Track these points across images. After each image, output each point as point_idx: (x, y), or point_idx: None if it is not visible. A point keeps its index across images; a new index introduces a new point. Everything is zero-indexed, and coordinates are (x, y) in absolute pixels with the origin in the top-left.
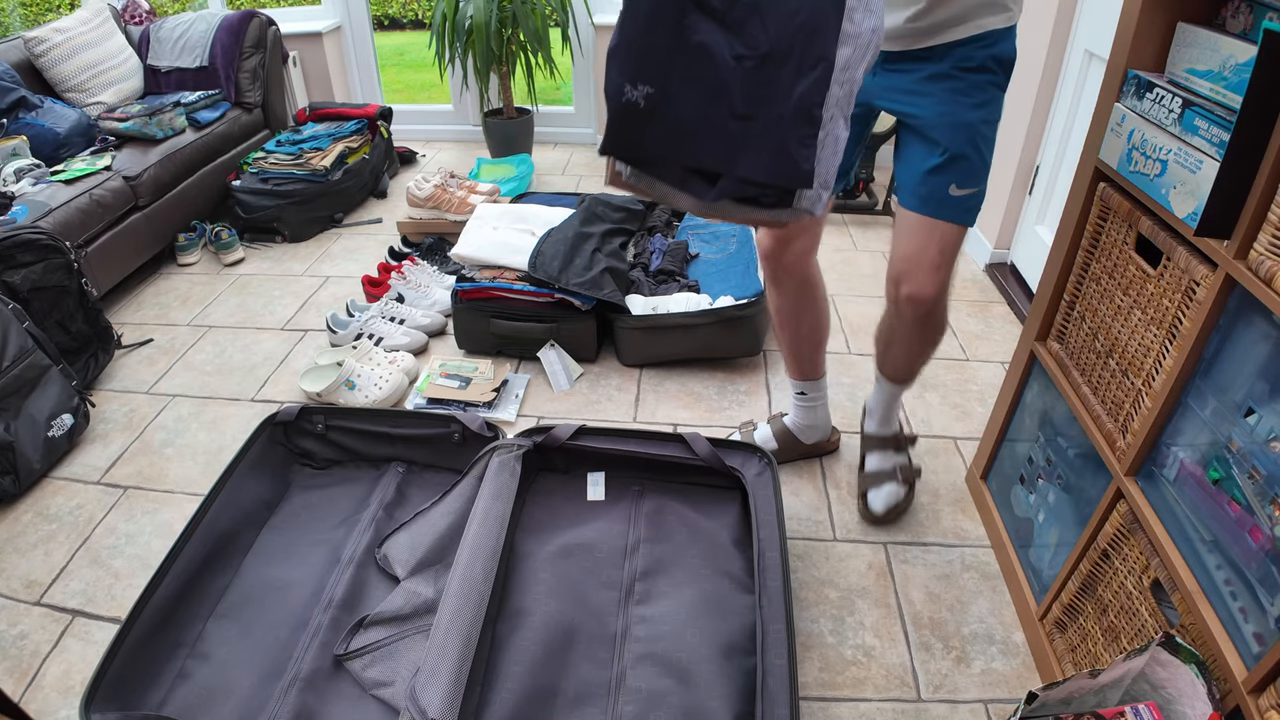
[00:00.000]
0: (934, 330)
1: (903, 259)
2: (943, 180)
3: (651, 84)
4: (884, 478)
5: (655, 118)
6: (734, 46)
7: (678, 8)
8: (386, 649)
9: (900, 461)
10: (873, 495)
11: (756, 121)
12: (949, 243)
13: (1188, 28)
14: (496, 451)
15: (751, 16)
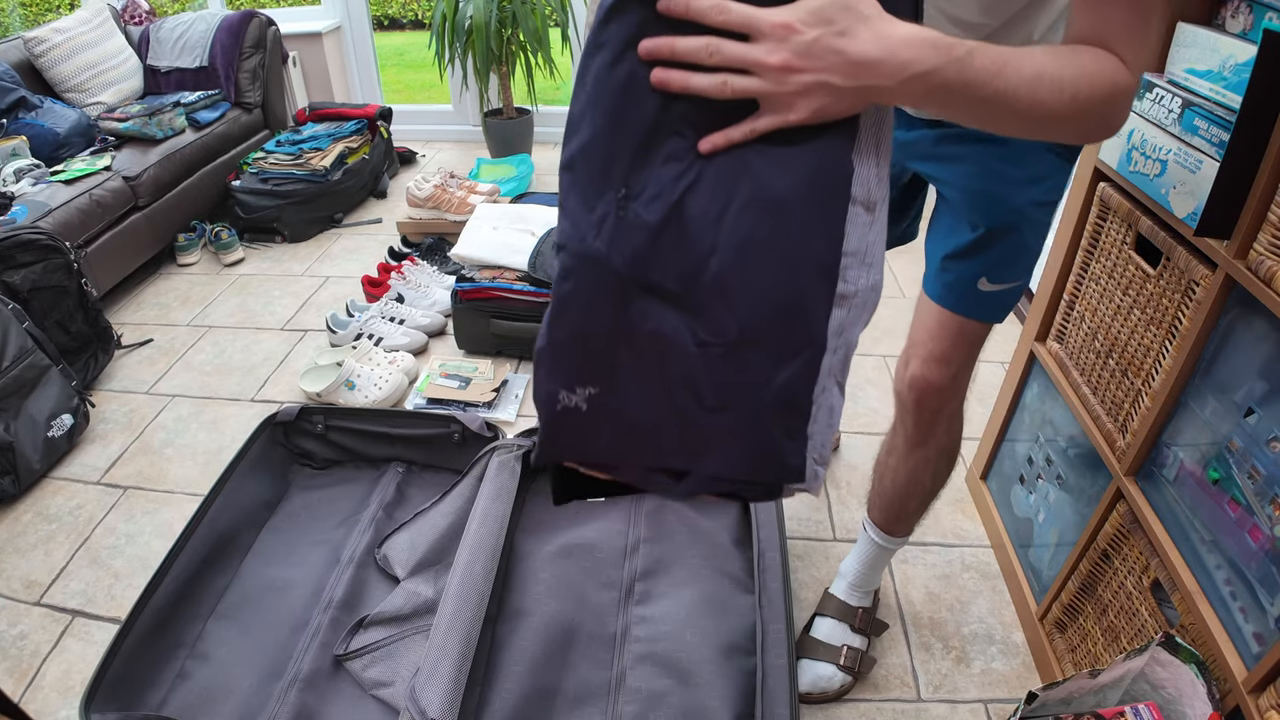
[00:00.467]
0: (939, 449)
1: (911, 343)
2: (969, 269)
3: (594, 385)
4: (825, 654)
5: (602, 420)
6: (696, 332)
7: (620, 296)
8: (386, 649)
9: (854, 645)
10: (804, 666)
11: (729, 413)
12: (970, 335)
13: (1187, 27)
14: (496, 451)
15: (716, 298)
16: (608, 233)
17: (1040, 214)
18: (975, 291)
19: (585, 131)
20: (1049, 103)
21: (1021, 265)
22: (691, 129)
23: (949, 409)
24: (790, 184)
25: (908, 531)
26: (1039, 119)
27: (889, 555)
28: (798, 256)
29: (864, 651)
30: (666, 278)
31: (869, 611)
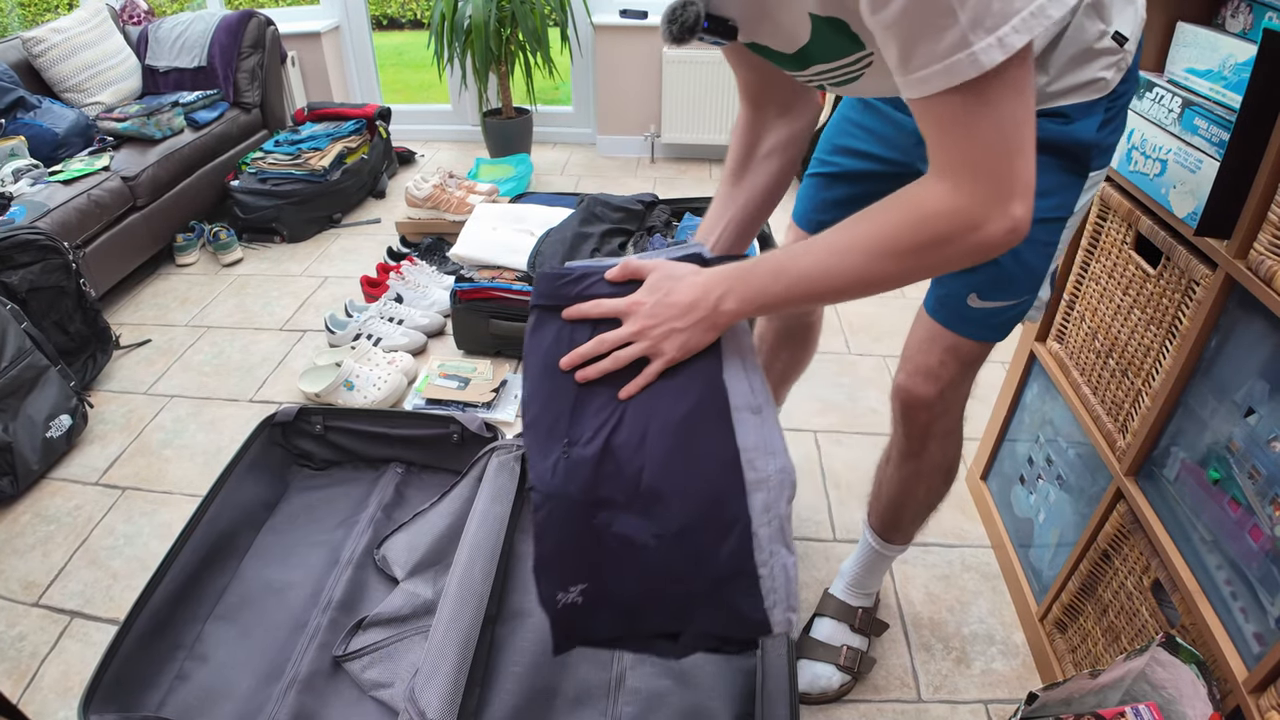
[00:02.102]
0: (932, 465)
1: (904, 353)
2: (959, 285)
3: (583, 582)
4: (824, 654)
5: (598, 608)
6: (649, 528)
7: (583, 514)
8: (385, 650)
9: (854, 645)
10: (803, 666)
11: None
12: (961, 354)
13: (1187, 27)
14: (495, 452)
15: (655, 502)
16: (561, 472)
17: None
18: (965, 308)
19: (534, 408)
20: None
21: (1018, 285)
22: (607, 386)
23: (940, 426)
24: (685, 409)
25: (905, 540)
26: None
27: (888, 561)
28: (705, 460)
29: (864, 652)
30: (614, 494)
31: (869, 612)
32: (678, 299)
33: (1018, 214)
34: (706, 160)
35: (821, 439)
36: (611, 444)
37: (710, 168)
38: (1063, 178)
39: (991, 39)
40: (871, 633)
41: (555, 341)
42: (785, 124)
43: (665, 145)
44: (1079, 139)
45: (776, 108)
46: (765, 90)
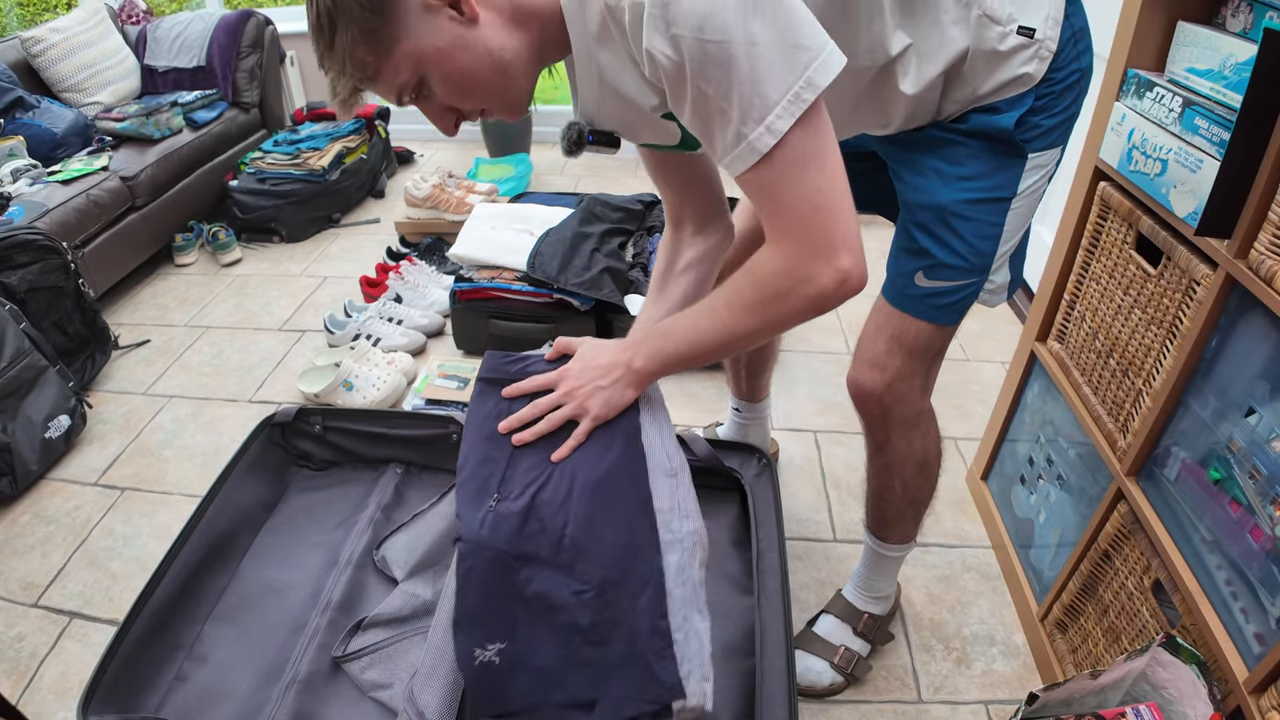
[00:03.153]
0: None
1: (856, 345)
2: (907, 265)
3: (501, 640)
4: (821, 650)
5: (514, 670)
6: (570, 584)
7: (506, 568)
8: (385, 651)
9: (852, 647)
10: (799, 658)
11: (612, 645)
12: (907, 340)
13: (1188, 27)
14: None
15: (577, 556)
16: (489, 524)
17: (977, 211)
18: (913, 286)
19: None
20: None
21: (962, 265)
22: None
23: (896, 416)
24: (606, 469)
25: (901, 538)
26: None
27: (889, 563)
28: (622, 518)
29: (861, 656)
30: (538, 549)
31: (877, 619)
32: (599, 362)
33: (844, 265)
34: None
35: (821, 439)
36: (537, 500)
37: None
38: (996, 160)
39: (760, 128)
40: (876, 640)
41: (494, 413)
42: (700, 241)
43: None
44: (1000, 126)
45: (692, 226)
46: (682, 209)
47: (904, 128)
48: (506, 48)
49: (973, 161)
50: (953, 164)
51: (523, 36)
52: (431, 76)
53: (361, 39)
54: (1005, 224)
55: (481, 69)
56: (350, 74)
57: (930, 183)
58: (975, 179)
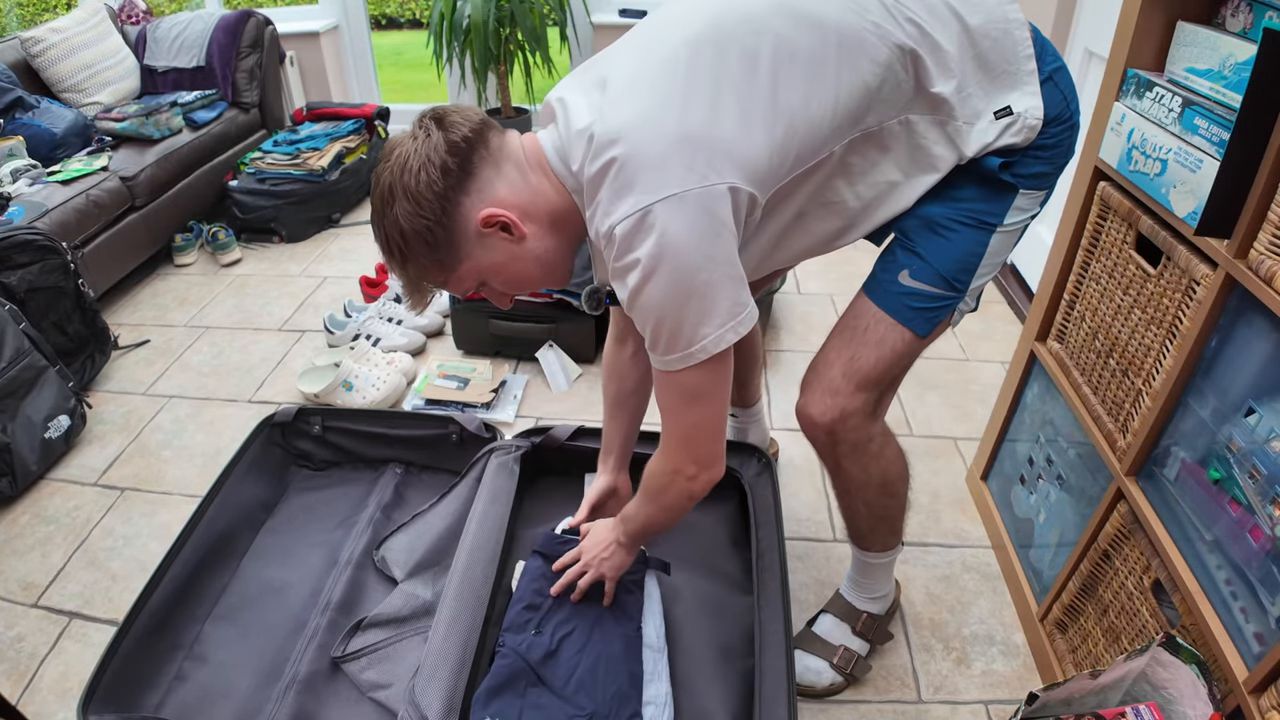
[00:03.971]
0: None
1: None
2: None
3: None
4: (820, 650)
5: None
6: (567, 709)
7: (524, 679)
8: (384, 651)
9: (851, 647)
10: (799, 657)
11: None
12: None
13: (1187, 27)
14: (495, 453)
15: (579, 690)
16: (526, 644)
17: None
18: (896, 284)
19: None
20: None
21: (944, 274)
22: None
23: (846, 445)
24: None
25: (881, 548)
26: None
27: (876, 568)
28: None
29: (860, 656)
30: (554, 678)
31: (875, 618)
32: (599, 540)
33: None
34: None
35: None
36: (562, 643)
37: None
38: (982, 189)
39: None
40: (875, 640)
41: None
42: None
43: None
44: (985, 167)
45: (634, 345)
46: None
47: None
48: (549, 249)
49: (963, 185)
50: (944, 183)
51: (561, 236)
52: (491, 281)
53: (430, 267)
54: (987, 250)
55: (532, 271)
56: (421, 290)
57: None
58: (965, 201)
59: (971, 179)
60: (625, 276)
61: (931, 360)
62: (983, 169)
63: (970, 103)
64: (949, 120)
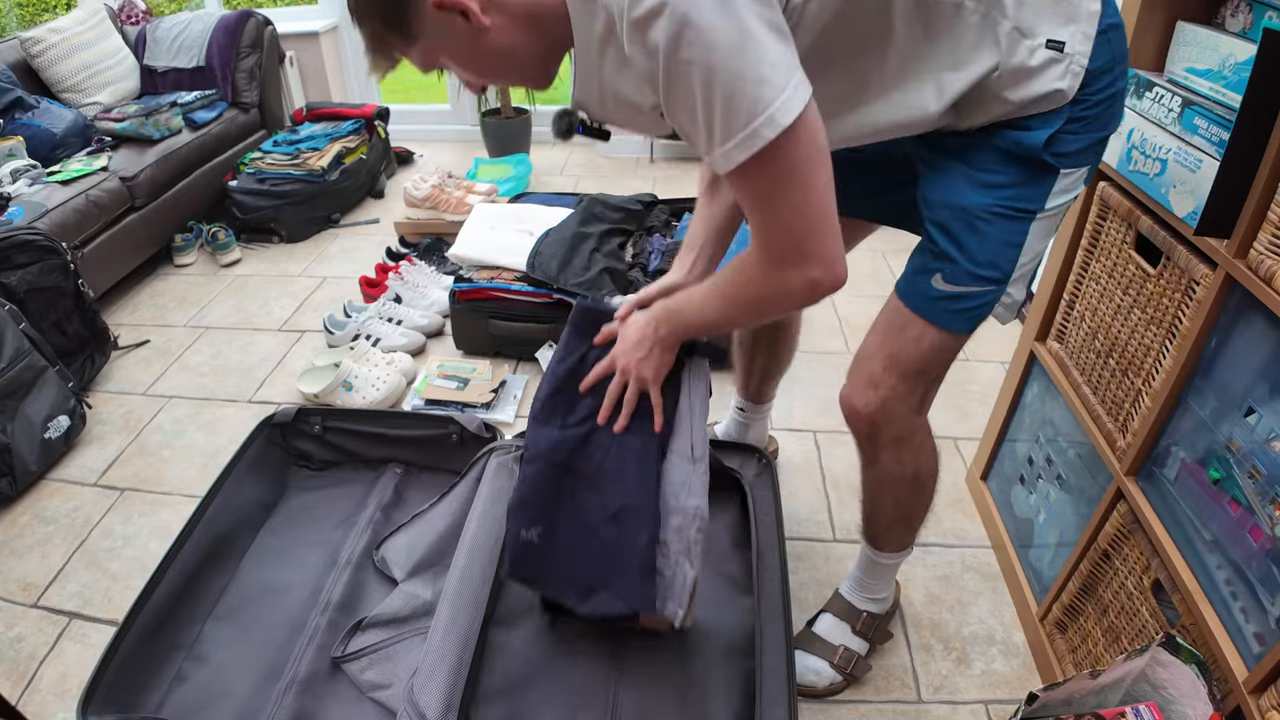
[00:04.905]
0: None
1: (852, 362)
2: (928, 266)
3: (541, 525)
4: (821, 650)
5: (548, 550)
6: (600, 503)
7: (560, 473)
8: (384, 651)
9: (851, 647)
10: (799, 657)
11: (617, 556)
12: (905, 359)
13: (1187, 27)
14: (494, 453)
15: (606, 483)
16: (554, 441)
17: (1001, 220)
18: (930, 289)
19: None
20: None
21: (980, 273)
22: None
23: (887, 436)
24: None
25: (895, 547)
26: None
27: (884, 569)
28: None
29: (860, 656)
30: (584, 467)
31: (875, 618)
32: (631, 339)
33: (814, 276)
34: None
35: (821, 439)
36: (593, 432)
37: None
38: (1022, 173)
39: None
40: (875, 640)
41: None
42: None
43: (665, 145)
44: (1029, 146)
45: None
46: None
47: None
48: (518, 46)
49: (1002, 170)
50: (980, 169)
51: (534, 36)
52: (450, 66)
53: (384, 31)
54: (1028, 237)
55: (494, 64)
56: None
57: (955, 182)
58: (1002, 188)
59: (1009, 162)
60: (648, 33)
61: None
62: (1023, 148)
63: (1026, 12)
64: (1001, 19)
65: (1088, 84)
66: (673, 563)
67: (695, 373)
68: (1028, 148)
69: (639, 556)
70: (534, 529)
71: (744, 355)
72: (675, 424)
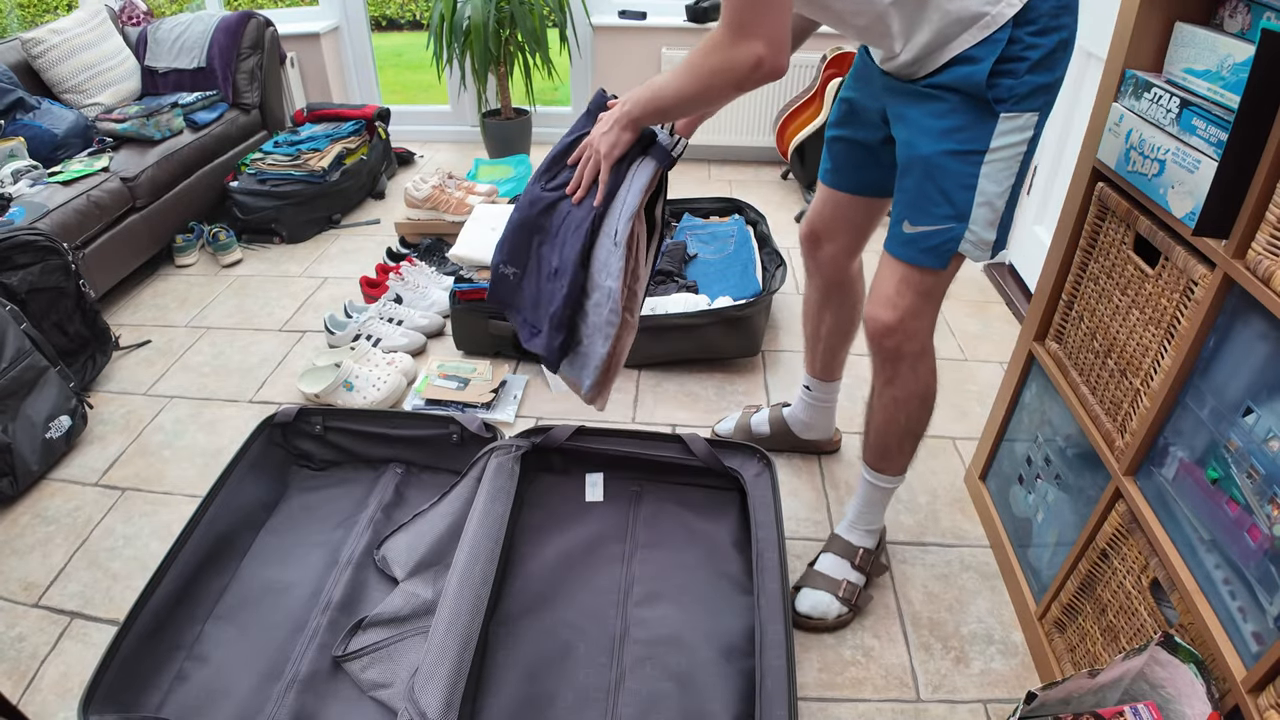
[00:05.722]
0: (908, 392)
1: (871, 288)
2: (896, 213)
3: (516, 266)
4: (825, 585)
5: (520, 285)
6: (550, 255)
7: (530, 227)
8: (385, 650)
9: (853, 581)
10: (803, 595)
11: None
12: (910, 282)
13: (1185, 27)
14: (495, 452)
15: (558, 246)
16: (533, 196)
17: (955, 164)
18: (901, 234)
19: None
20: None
21: (936, 210)
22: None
23: (907, 350)
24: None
25: (898, 470)
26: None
27: (884, 494)
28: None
29: (861, 588)
30: (549, 225)
31: (870, 552)
32: (604, 121)
33: (759, 51)
34: (706, 161)
35: None
36: (559, 201)
37: (709, 168)
38: (972, 115)
39: None
40: (872, 573)
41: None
42: None
43: None
44: (974, 80)
45: None
46: None
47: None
48: None
49: (952, 115)
50: (936, 117)
51: None
52: None
53: None
54: (979, 179)
55: None
56: None
57: (916, 137)
58: (954, 132)
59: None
60: None
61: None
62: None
63: None
64: None
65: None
66: (589, 334)
67: (642, 166)
68: (975, 81)
69: (556, 311)
70: (510, 267)
71: (811, 320)
72: (611, 207)
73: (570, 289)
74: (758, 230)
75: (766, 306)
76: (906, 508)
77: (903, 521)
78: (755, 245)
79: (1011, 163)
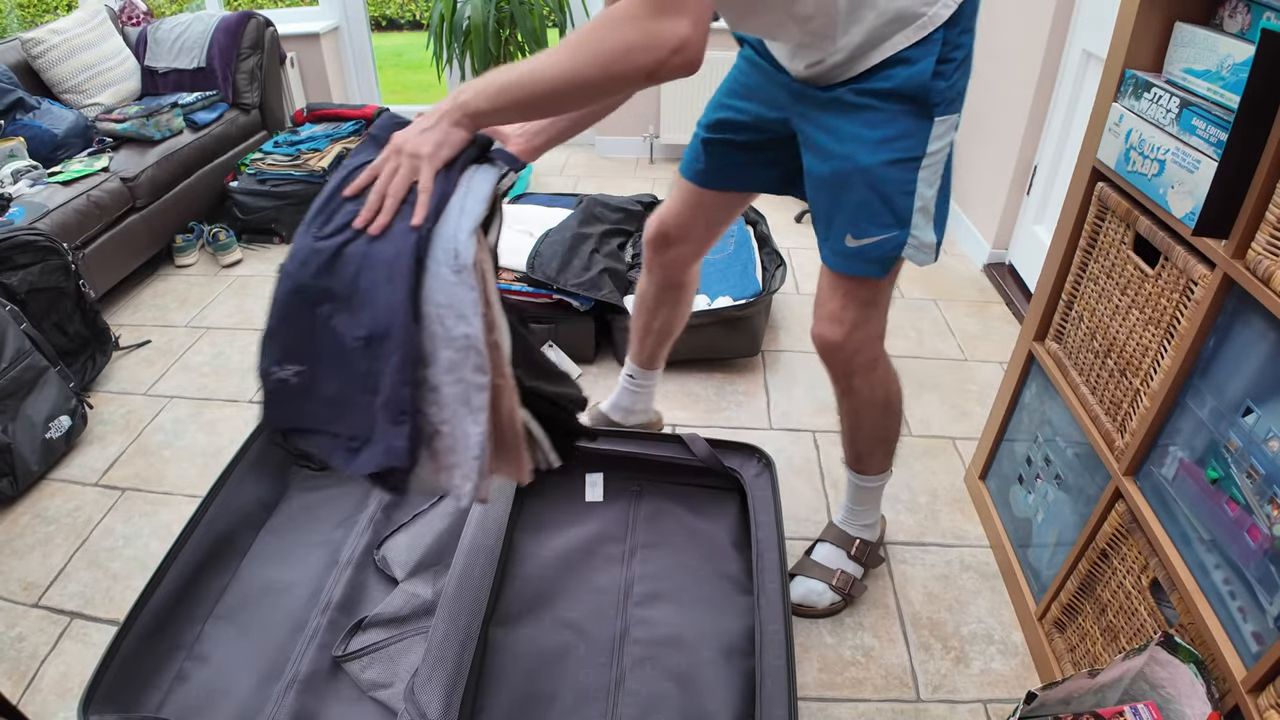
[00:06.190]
0: (864, 401)
1: (814, 304)
2: (836, 229)
3: (299, 364)
4: (819, 574)
5: (308, 393)
6: (353, 329)
7: (312, 297)
8: (385, 650)
9: (848, 571)
10: (796, 583)
11: (378, 394)
12: (855, 296)
13: (1185, 27)
14: None
15: (361, 305)
16: (303, 253)
17: (896, 172)
18: (845, 248)
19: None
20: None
21: (880, 219)
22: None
23: (858, 364)
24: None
25: (877, 469)
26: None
27: (870, 493)
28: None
29: (856, 578)
30: (339, 287)
31: (868, 544)
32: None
33: (683, 33)
34: None
35: (820, 439)
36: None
37: None
38: (910, 123)
39: None
40: (869, 564)
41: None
42: None
43: (664, 146)
44: (918, 81)
45: None
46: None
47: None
48: None
49: (890, 124)
50: (871, 127)
51: None
52: None
53: None
54: (917, 185)
55: None
56: None
57: (852, 149)
58: (892, 140)
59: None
60: None
61: (930, 360)
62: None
63: None
64: None
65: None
66: (449, 415)
67: (484, 172)
68: (917, 82)
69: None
70: (289, 366)
71: (643, 313)
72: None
73: (404, 355)
74: (757, 230)
75: (766, 306)
76: (906, 507)
77: (903, 521)
78: (755, 245)
79: (941, 164)
